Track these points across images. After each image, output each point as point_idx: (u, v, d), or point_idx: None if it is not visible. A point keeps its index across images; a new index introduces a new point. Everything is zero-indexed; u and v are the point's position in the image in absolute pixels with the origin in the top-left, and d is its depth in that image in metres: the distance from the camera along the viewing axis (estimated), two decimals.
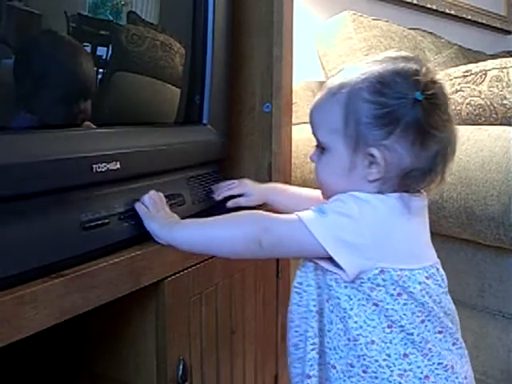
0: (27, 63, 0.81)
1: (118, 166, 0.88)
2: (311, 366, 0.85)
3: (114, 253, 0.86)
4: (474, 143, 1.54)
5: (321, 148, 0.88)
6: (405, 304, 0.81)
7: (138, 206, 0.91)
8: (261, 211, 0.88)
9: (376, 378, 0.82)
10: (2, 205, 0.71)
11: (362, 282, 0.81)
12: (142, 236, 0.91)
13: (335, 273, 0.82)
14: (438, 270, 0.86)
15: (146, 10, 1.07)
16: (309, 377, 0.85)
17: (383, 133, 0.81)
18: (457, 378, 0.85)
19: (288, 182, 1.13)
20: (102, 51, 0.95)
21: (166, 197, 0.97)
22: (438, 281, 0.84)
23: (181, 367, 0.99)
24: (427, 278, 0.83)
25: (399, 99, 0.80)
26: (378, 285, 0.80)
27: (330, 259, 0.81)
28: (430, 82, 0.81)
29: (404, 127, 0.80)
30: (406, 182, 0.85)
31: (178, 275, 0.97)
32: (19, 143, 0.74)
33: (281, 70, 1.30)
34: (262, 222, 0.84)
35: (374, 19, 2.16)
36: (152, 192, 0.93)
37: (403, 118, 0.80)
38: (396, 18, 2.36)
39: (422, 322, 0.82)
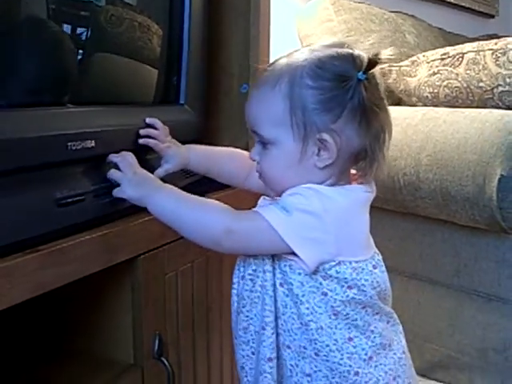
0: (4, 43, 0.81)
1: (93, 144, 0.89)
2: (272, 348, 0.86)
3: (88, 229, 0.87)
4: (450, 125, 1.56)
5: (263, 144, 0.87)
6: (353, 298, 0.83)
7: (113, 172, 0.89)
8: (225, 206, 0.86)
9: (327, 360, 0.84)
10: None
11: (316, 271, 0.82)
12: (116, 213, 0.92)
13: (291, 259, 0.83)
14: (378, 254, 0.89)
15: None
16: (270, 360, 0.86)
17: (331, 117, 0.82)
18: (395, 354, 0.88)
19: None
20: (80, 31, 0.96)
21: None
22: (382, 266, 0.87)
23: (157, 342, 1.00)
24: (374, 267, 0.85)
25: (342, 82, 0.81)
26: (331, 276, 0.82)
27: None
28: (368, 63, 0.82)
29: (350, 109, 0.81)
30: (355, 164, 0.87)
31: (152, 252, 0.99)
32: None
33: (258, 51, 1.31)
34: (225, 221, 0.83)
35: (354, 2, 2.17)
36: (124, 153, 0.92)
37: (349, 99, 0.81)
38: (378, 1, 2.36)
39: (363, 308, 0.85)
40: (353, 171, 0.89)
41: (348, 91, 0.81)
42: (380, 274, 0.86)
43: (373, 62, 0.82)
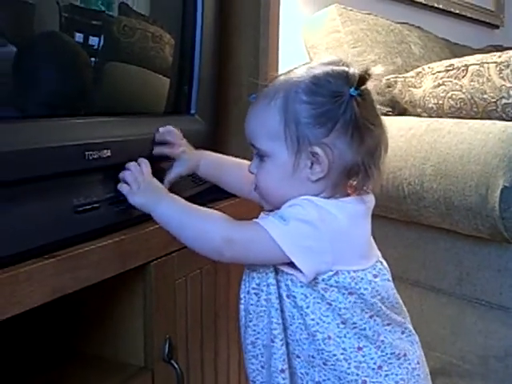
0: (21, 53, 0.84)
1: (109, 153, 0.92)
2: (283, 360, 0.88)
3: (103, 236, 0.90)
4: (454, 136, 1.58)
5: (259, 156, 0.89)
6: (355, 302, 0.84)
7: (120, 186, 0.92)
8: (226, 216, 0.88)
9: (335, 369, 0.85)
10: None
11: (316, 283, 0.84)
12: (130, 220, 0.95)
13: (291, 274, 0.85)
14: (382, 263, 0.90)
15: (138, 2, 1.10)
16: (282, 371, 0.88)
17: (323, 131, 0.84)
18: (409, 364, 0.89)
19: None
20: (94, 42, 0.98)
21: None
22: (385, 275, 0.88)
23: (167, 346, 1.03)
24: (375, 276, 0.86)
25: (335, 97, 0.83)
26: (331, 285, 0.84)
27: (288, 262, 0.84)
28: (359, 79, 0.84)
29: (342, 123, 0.83)
30: (348, 178, 0.88)
31: (163, 258, 1.01)
32: (16, 132, 0.79)
33: (267, 62, 1.34)
34: (225, 231, 0.85)
35: (361, 13, 2.19)
36: (132, 165, 0.94)
37: (341, 114, 0.83)
38: (384, 12, 2.38)
39: (371, 317, 0.86)
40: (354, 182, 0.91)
41: (340, 106, 0.83)
42: (381, 282, 0.87)
43: (363, 79, 0.84)
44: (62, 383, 0.99)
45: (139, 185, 0.91)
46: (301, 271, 0.83)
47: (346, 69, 0.86)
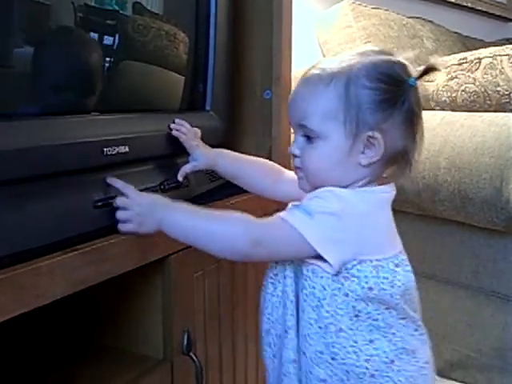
0: (40, 53, 0.86)
1: (127, 149, 0.94)
2: (296, 351, 0.88)
3: None
4: (467, 129, 1.58)
5: (308, 138, 0.88)
6: (373, 298, 0.84)
7: (120, 214, 0.87)
8: (247, 217, 0.85)
9: (344, 364, 0.85)
10: (22, 186, 0.78)
11: (338, 272, 0.83)
12: None
13: (313, 263, 0.84)
14: (404, 254, 0.90)
15: (151, 1, 1.12)
16: (294, 361, 0.88)
17: (383, 116, 0.85)
18: (417, 362, 0.88)
19: (287, 166, 1.18)
20: (110, 41, 1.00)
21: (168, 180, 1.03)
22: (407, 266, 0.88)
23: (185, 338, 1.05)
24: (397, 265, 0.86)
25: (397, 85, 0.85)
26: (353, 275, 0.83)
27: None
28: (422, 70, 0.87)
29: (400, 111, 0.85)
30: (392, 165, 0.90)
31: (182, 252, 1.02)
32: (38, 128, 0.81)
33: (280, 59, 1.35)
34: (250, 234, 0.83)
35: (373, 8, 2.20)
36: (120, 202, 0.87)
37: (400, 102, 0.85)
38: (395, 7, 2.39)
39: (387, 309, 0.85)
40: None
41: (401, 95, 0.85)
42: (403, 272, 0.86)
43: (428, 70, 0.87)
44: (82, 375, 1.00)
45: (139, 214, 0.86)
46: (328, 262, 0.83)
47: (399, 59, 0.87)
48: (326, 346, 0.85)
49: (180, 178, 1.05)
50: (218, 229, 0.85)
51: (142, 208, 0.86)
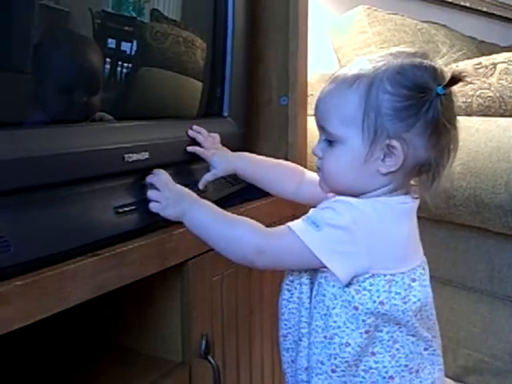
0: (62, 61, 0.88)
1: (147, 155, 0.96)
2: (308, 360, 0.87)
3: (143, 235, 0.93)
4: (483, 134, 1.58)
5: (329, 142, 0.86)
6: (384, 313, 0.82)
7: (151, 193, 0.92)
8: (257, 225, 0.86)
9: (343, 376, 0.83)
10: (45, 192, 0.80)
11: (350, 284, 0.82)
12: (168, 220, 0.98)
13: (326, 271, 0.83)
14: (424, 269, 0.87)
15: (169, 8, 1.12)
16: (306, 369, 0.88)
17: (404, 126, 0.81)
18: (421, 382, 0.86)
19: None
20: (129, 48, 1.01)
21: (189, 184, 1.03)
22: (425, 281, 0.86)
23: (204, 342, 1.06)
24: (413, 280, 0.84)
25: (421, 93, 0.80)
26: (365, 288, 0.81)
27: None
28: (449, 78, 0.81)
29: (424, 121, 0.80)
30: (417, 176, 0.86)
31: (200, 257, 1.04)
32: (61, 136, 0.83)
33: (296, 65, 1.36)
34: (256, 242, 0.84)
35: (387, 13, 2.20)
36: (156, 171, 0.94)
37: (424, 112, 0.80)
38: (410, 12, 2.39)
39: (397, 324, 0.83)
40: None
41: (425, 103, 0.80)
42: (420, 288, 0.84)
43: (456, 79, 0.81)
44: (102, 377, 1.02)
45: (168, 198, 0.91)
46: (335, 275, 0.82)
47: (434, 64, 0.82)
48: (327, 357, 0.84)
49: (201, 187, 1.06)
50: (227, 232, 0.87)
51: (171, 194, 0.91)
